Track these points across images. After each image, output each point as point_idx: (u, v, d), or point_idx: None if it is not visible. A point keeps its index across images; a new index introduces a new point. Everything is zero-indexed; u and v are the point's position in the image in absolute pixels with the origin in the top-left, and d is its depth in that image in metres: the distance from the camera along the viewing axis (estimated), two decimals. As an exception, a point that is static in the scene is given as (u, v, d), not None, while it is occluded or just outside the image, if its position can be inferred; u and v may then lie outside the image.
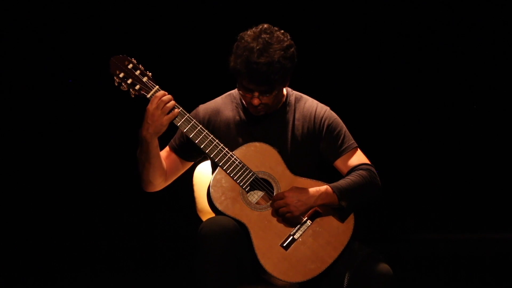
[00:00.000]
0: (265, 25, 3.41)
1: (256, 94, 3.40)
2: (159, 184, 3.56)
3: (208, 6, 5.75)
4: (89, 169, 6.34)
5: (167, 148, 3.62)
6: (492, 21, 6.12)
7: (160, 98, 3.37)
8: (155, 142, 3.43)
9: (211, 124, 3.55)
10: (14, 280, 5.67)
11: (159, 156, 3.49)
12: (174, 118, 3.39)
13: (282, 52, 3.34)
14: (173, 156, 3.60)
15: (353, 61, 6.24)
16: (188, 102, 3.59)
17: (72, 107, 6.18)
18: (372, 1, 6.05)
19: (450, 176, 6.58)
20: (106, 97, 6.11)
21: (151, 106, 3.37)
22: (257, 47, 3.32)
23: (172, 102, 3.38)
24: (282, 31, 3.43)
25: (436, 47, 6.22)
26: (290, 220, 3.40)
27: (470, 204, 6.63)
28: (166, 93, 3.39)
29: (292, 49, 3.39)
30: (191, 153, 3.58)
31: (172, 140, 3.61)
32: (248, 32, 3.39)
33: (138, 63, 3.44)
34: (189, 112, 3.47)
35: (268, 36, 3.36)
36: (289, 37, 3.42)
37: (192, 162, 3.64)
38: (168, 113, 3.37)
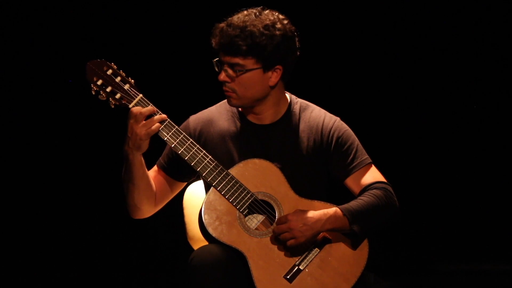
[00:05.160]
0: (274, 11, 3.28)
1: (224, 67, 3.24)
2: (147, 210, 3.37)
3: (198, 5, 5.80)
4: (88, 170, 6.20)
5: (155, 167, 3.44)
6: (492, 21, 6.03)
7: (140, 110, 3.17)
8: (138, 160, 3.24)
9: (203, 136, 3.37)
10: (14, 280, 5.65)
11: (144, 177, 3.30)
12: (158, 132, 3.20)
13: (260, 26, 3.19)
14: (162, 175, 3.41)
15: (365, 69, 6.10)
16: (178, 112, 3.43)
17: (72, 107, 6.08)
18: (388, 4, 5.91)
19: (481, 200, 6.37)
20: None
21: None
22: (241, 16, 3.22)
23: (153, 109, 3.18)
24: (283, 16, 3.28)
25: (437, 50, 6.05)
26: (294, 247, 3.22)
27: (504, 231, 6.35)
28: (150, 104, 3.21)
29: (278, 32, 3.21)
30: (183, 172, 3.39)
31: (160, 157, 3.43)
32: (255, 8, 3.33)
33: (119, 68, 3.25)
34: (179, 124, 3.29)
35: (262, 14, 3.24)
36: (286, 24, 3.26)
37: (185, 183, 3.46)
38: (151, 125, 3.19)
